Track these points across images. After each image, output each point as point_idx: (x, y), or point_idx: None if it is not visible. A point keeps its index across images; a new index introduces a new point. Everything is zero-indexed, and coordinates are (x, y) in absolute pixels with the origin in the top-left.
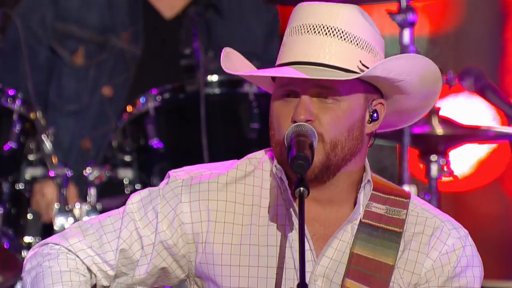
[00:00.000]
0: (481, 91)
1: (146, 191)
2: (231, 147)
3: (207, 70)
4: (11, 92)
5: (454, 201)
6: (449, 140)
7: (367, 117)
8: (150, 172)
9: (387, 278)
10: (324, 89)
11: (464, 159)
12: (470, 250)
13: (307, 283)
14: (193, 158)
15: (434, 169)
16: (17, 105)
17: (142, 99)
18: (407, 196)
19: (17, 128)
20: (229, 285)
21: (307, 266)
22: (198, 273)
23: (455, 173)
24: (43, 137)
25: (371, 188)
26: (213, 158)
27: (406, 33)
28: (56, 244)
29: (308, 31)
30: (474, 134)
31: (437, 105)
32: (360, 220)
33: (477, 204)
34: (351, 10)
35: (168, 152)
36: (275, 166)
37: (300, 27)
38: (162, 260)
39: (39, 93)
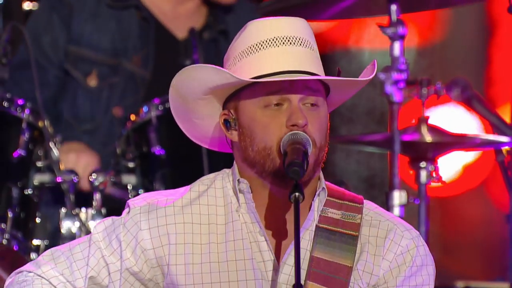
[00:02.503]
0: (468, 101)
1: (109, 220)
2: (229, 154)
3: None
4: (20, 101)
5: (442, 205)
6: (438, 148)
7: None
8: (153, 178)
9: (346, 279)
10: (313, 92)
11: (451, 165)
12: (423, 250)
13: None
14: (193, 164)
15: (423, 175)
16: (26, 114)
17: (145, 108)
18: (360, 201)
19: (26, 136)
20: None
21: (268, 275)
22: None
23: (443, 179)
24: (51, 144)
25: (326, 195)
26: (212, 165)
27: (397, 46)
28: (30, 272)
29: (284, 43)
30: (461, 141)
31: (426, 114)
32: (318, 226)
33: (463, 208)
34: (304, 21)
35: (169, 158)
36: (238, 180)
37: (273, 39)
38: (130, 286)
39: (46, 109)
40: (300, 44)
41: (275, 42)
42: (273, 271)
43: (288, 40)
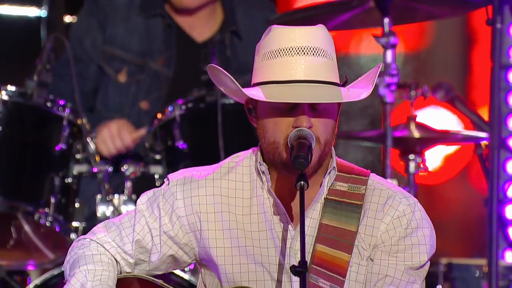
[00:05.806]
0: (451, 101)
1: (151, 192)
2: (243, 148)
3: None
4: (61, 102)
5: (428, 191)
6: (424, 142)
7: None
8: (176, 168)
9: (351, 242)
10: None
11: (436, 157)
12: (420, 214)
13: (288, 256)
14: (211, 157)
15: (412, 166)
16: (66, 113)
17: (170, 108)
18: (366, 174)
19: (66, 132)
20: (224, 262)
21: (287, 243)
22: (201, 257)
23: (429, 169)
24: (88, 139)
25: (336, 172)
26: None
27: (389, 53)
28: (86, 238)
29: (298, 53)
30: (445, 137)
31: (414, 113)
32: (327, 198)
33: (447, 193)
34: (323, 30)
35: (191, 152)
36: (259, 162)
37: (289, 49)
38: (169, 248)
39: (87, 98)
40: (314, 54)
41: (290, 52)
42: (290, 239)
43: (302, 51)
